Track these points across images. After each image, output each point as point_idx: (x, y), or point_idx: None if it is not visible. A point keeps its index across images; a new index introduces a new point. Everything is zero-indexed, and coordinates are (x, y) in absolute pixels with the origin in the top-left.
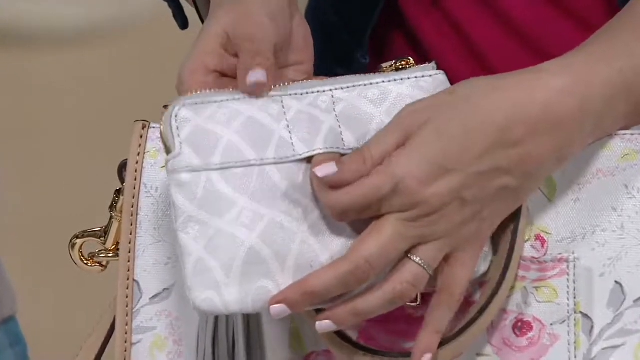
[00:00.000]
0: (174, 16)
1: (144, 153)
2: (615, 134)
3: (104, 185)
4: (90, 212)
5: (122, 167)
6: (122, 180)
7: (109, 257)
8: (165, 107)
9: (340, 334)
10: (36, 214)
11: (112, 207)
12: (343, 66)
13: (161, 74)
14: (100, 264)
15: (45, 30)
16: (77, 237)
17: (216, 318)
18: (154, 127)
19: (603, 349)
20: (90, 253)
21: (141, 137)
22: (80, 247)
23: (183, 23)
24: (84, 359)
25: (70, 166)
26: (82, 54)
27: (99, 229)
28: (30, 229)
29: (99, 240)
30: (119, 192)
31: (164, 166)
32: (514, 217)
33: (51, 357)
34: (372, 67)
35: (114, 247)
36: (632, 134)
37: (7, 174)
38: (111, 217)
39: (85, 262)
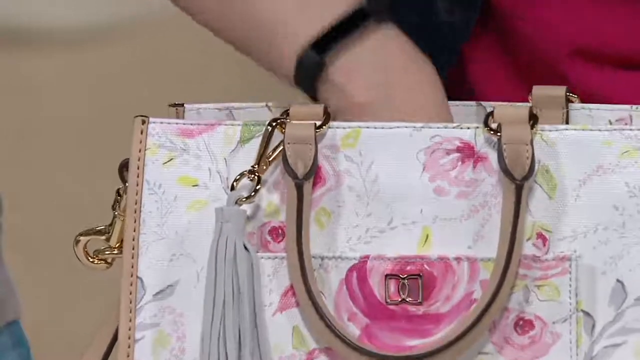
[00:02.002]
0: None
1: (145, 150)
2: (614, 129)
3: (105, 186)
4: (91, 213)
5: (123, 166)
6: (123, 179)
7: (113, 254)
8: (171, 105)
9: (340, 334)
10: (37, 215)
11: (114, 206)
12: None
13: (162, 74)
14: (105, 261)
15: (46, 31)
16: (81, 234)
17: (223, 315)
18: (153, 123)
19: (604, 347)
20: (96, 250)
21: (141, 132)
22: (85, 245)
23: None
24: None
25: (70, 167)
26: (82, 54)
27: (103, 227)
28: (31, 230)
29: (103, 238)
30: (120, 191)
31: (165, 162)
32: (514, 217)
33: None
34: None
35: (118, 244)
36: (631, 130)
37: (7, 175)
38: (114, 216)
39: (91, 259)
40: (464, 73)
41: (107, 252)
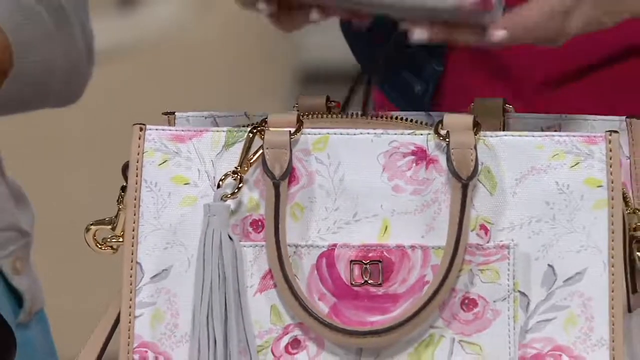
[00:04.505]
0: None
1: (143, 153)
2: (546, 135)
3: (111, 183)
4: (98, 207)
5: (126, 167)
6: (126, 178)
7: (119, 242)
8: (164, 113)
9: (311, 311)
10: (50, 215)
11: (118, 201)
12: (413, 72)
13: (157, 88)
14: (111, 247)
15: None
16: (91, 224)
17: (211, 295)
18: (149, 129)
19: (538, 322)
20: (104, 238)
21: (139, 138)
22: (94, 234)
23: None
24: (97, 337)
25: (81, 168)
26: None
27: (109, 218)
28: (47, 223)
29: (109, 228)
30: (123, 188)
31: (160, 164)
32: (460, 211)
33: (66, 334)
34: (445, 76)
35: (122, 233)
36: (560, 136)
37: (27, 175)
38: (119, 210)
39: (99, 246)
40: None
41: (113, 240)
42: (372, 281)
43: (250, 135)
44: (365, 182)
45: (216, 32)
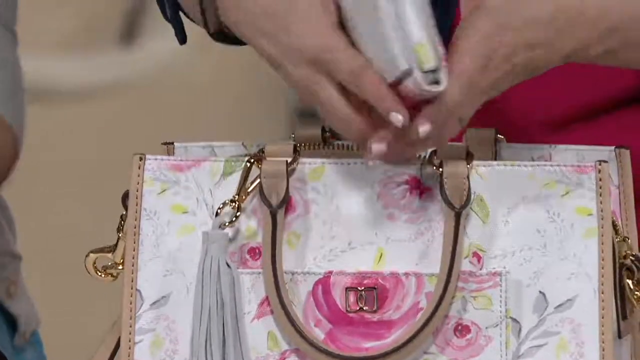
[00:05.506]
0: (175, 34)
1: (142, 182)
2: (537, 165)
3: (110, 212)
4: (98, 235)
5: (125, 196)
6: (126, 207)
7: (119, 269)
8: (164, 143)
9: (307, 337)
10: (52, 242)
11: (119, 229)
12: None
13: (155, 120)
14: (111, 274)
15: (61, 87)
16: (91, 252)
17: (209, 322)
18: (149, 159)
19: (529, 347)
20: (104, 266)
21: (139, 167)
22: (94, 261)
23: (182, 39)
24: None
25: (83, 197)
26: (89, 105)
27: (109, 246)
28: (48, 251)
29: (109, 255)
30: (123, 217)
31: (159, 193)
32: (453, 239)
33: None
34: None
35: (122, 261)
36: (551, 165)
37: (27, 204)
38: (119, 238)
39: (99, 273)
40: None
41: (113, 268)
42: (367, 308)
43: (248, 164)
44: (360, 210)
45: (214, 67)
